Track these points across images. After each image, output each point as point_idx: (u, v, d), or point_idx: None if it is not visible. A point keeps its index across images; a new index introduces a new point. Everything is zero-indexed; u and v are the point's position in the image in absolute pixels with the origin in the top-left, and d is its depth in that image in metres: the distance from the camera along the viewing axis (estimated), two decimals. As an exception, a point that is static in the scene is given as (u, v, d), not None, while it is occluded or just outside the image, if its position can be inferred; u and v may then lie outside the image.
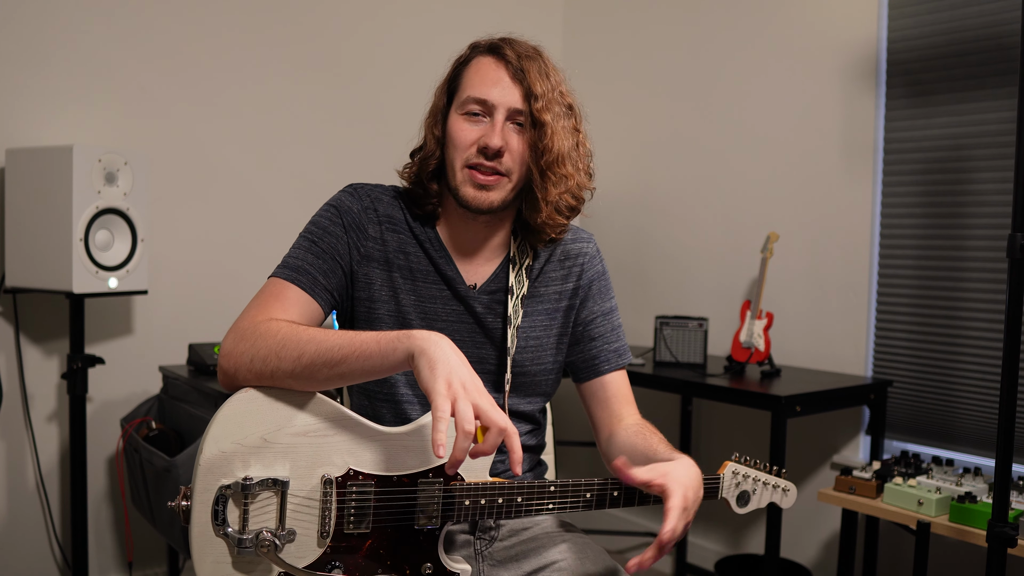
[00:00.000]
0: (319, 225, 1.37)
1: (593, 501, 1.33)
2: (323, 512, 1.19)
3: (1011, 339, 1.67)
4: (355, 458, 1.21)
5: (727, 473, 1.42)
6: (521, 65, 1.33)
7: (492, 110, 1.32)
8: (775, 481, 1.46)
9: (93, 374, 2.46)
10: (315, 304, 1.31)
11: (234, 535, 1.15)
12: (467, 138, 1.32)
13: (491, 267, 1.43)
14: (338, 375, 1.18)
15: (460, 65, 1.38)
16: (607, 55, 3.51)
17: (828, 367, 2.75)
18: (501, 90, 1.32)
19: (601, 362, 1.47)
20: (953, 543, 2.34)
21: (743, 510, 1.44)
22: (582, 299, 1.48)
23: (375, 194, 1.41)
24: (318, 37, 2.98)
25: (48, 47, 2.42)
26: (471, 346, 1.40)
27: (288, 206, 2.88)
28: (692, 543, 3.15)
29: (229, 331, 1.26)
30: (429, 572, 1.24)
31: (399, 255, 1.38)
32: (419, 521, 1.23)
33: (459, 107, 1.34)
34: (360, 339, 1.17)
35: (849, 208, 2.70)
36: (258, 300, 1.30)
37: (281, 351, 1.17)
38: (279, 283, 1.31)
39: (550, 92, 1.34)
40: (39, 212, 2.22)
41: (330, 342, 1.17)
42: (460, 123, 1.34)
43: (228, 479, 1.15)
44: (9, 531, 2.45)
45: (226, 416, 1.17)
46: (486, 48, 1.37)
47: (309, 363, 1.16)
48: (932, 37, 2.48)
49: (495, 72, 1.33)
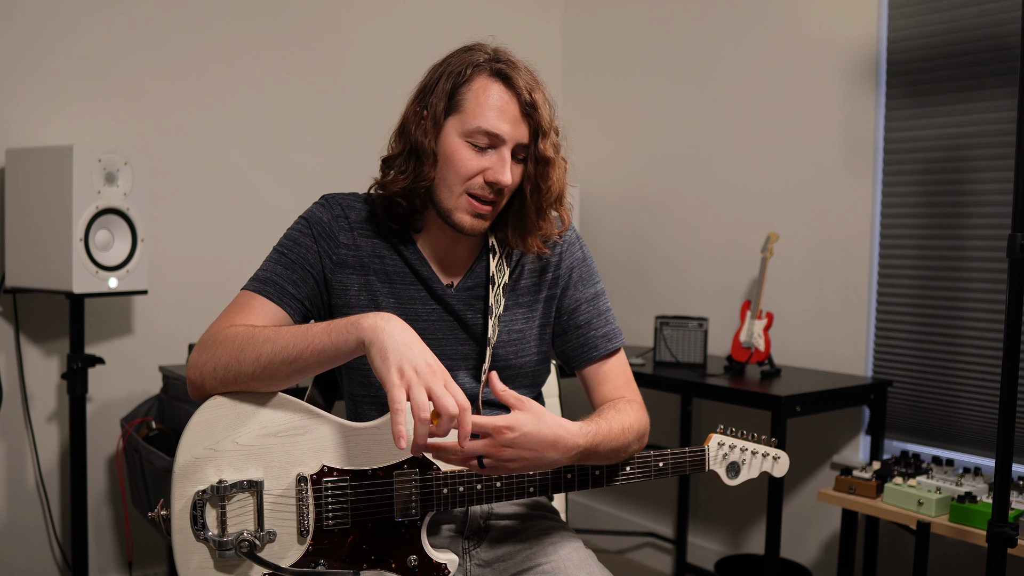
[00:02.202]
0: (290, 238, 1.38)
1: (575, 481, 1.33)
2: (300, 510, 1.20)
3: (1011, 339, 1.67)
4: (328, 455, 1.22)
5: (712, 445, 1.42)
6: (532, 99, 1.31)
7: (500, 143, 1.31)
8: (764, 449, 1.46)
9: (93, 374, 2.46)
10: (283, 313, 1.32)
11: (214, 538, 1.17)
12: (471, 167, 1.31)
13: (465, 265, 1.43)
14: (297, 371, 1.19)
15: (461, 82, 1.32)
16: (606, 53, 3.51)
17: (828, 367, 2.75)
18: (512, 126, 1.31)
19: (590, 349, 1.46)
20: (953, 543, 2.34)
21: (734, 481, 1.44)
22: (563, 288, 1.47)
23: (347, 202, 1.41)
24: (319, 38, 2.98)
25: (48, 47, 2.42)
26: (453, 343, 1.41)
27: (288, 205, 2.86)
28: (692, 543, 3.15)
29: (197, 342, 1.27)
30: (415, 564, 1.25)
31: (374, 259, 1.39)
32: (399, 513, 1.24)
33: (464, 132, 1.31)
34: (312, 333, 1.18)
35: (849, 208, 2.70)
36: (226, 312, 1.31)
37: (240, 355, 1.19)
38: (247, 295, 1.33)
39: (551, 124, 1.35)
40: (39, 212, 2.22)
41: (284, 340, 1.19)
42: (464, 149, 1.31)
43: (203, 484, 1.17)
44: (9, 531, 2.45)
45: (196, 424, 1.19)
46: (493, 72, 1.32)
47: (267, 363, 1.18)
48: (932, 37, 2.48)
49: (507, 105, 1.31)
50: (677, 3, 3.23)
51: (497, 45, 1.38)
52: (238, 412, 1.20)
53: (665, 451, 1.39)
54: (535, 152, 1.33)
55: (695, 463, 1.41)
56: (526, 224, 1.37)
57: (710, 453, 1.42)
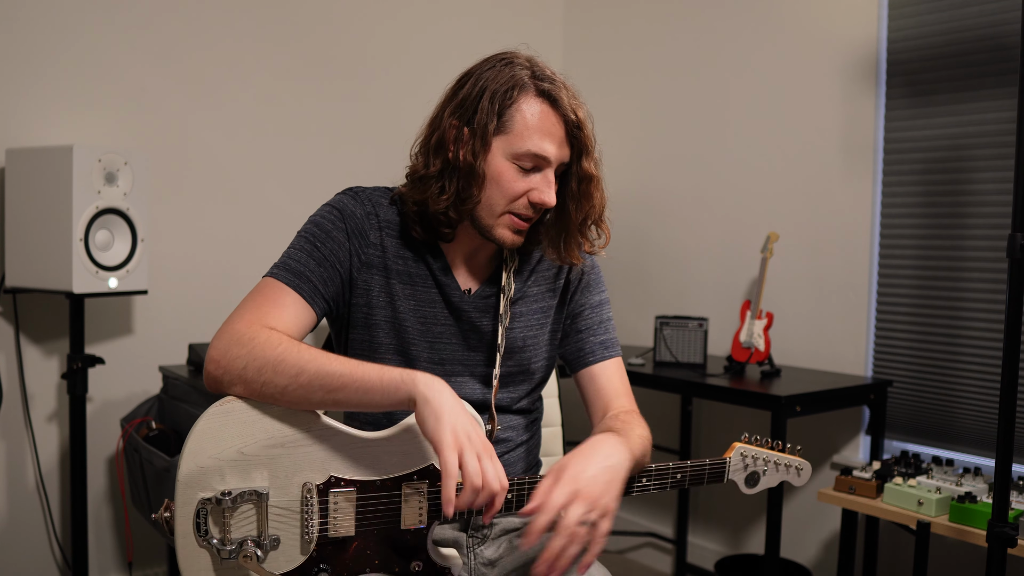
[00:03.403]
0: (321, 227, 1.34)
1: None
2: (305, 518, 1.20)
3: (1011, 339, 1.67)
4: (335, 465, 1.21)
5: (734, 456, 1.39)
6: (578, 119, 1.32)
7: (545, 165, 1.31)
8: (787, 460, 1.43)
9: (93, 374, 2.46)
10: (311, 312, 1.30)
11: (217, 545, 1.16)
12: (518, 189, 1.31)
13: (487, 272, 1.43)
14: (332, 400, 1.18)
15: (508, 103, 1.30)
16: (606, 53, 3.51)
17: (828, 367, 2.75)
18: (558, 147, 1.31)
19: (587, 354, 1.47)
20: (953, 543, 2.34)
21: (752, 491, 1.41)
22: (572, 293, 1.49)
23: (375, 198, 1.39)
24: (320, 39, 2.98)
25: (48, 47, 2.42)
26: (464, 349, 1.41)
27: (288, 206, 2.88)
28: (692, 543, 3.15)
29: (221, 332, 1.23)
30: (418, 570, 1.25)
31: (398, 261, 1.38)
32: (405, 522, 1.23)
33: (512, 155, 1.29)
34: (362, 370, 1.18)
35: (849, 208, 2.70)
36: (254, 302, 1.28)
37: (279, 365, 1.16)
38: (277, 286, 1.29)
39: (594, 142, 1.35)
40: (39, 212, 2.22)
41: (332, 366, 1.17)
42: (512, 171, 1.30)
43: (207, 492, 1.16)
44: (9, 531, 2.45)
45: (202, 431, 1.17)
46: (539, 92, 1.31)
47: (307, 383, 1.16)
48: (932, 37, 2.48)
49: (554, 127, 1.31)
50: (677, 4, 3.24)
51: (530, 54, 1.37)
52: (246, 421, 1.18)
53: (685, 463, 1.35)
54: (579, 171, 1.34)
55: (715, 474, 1.37)
56: (568, 239, 1.38)
57: (731, 464, 1.39)
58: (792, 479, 1.43)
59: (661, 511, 3.29)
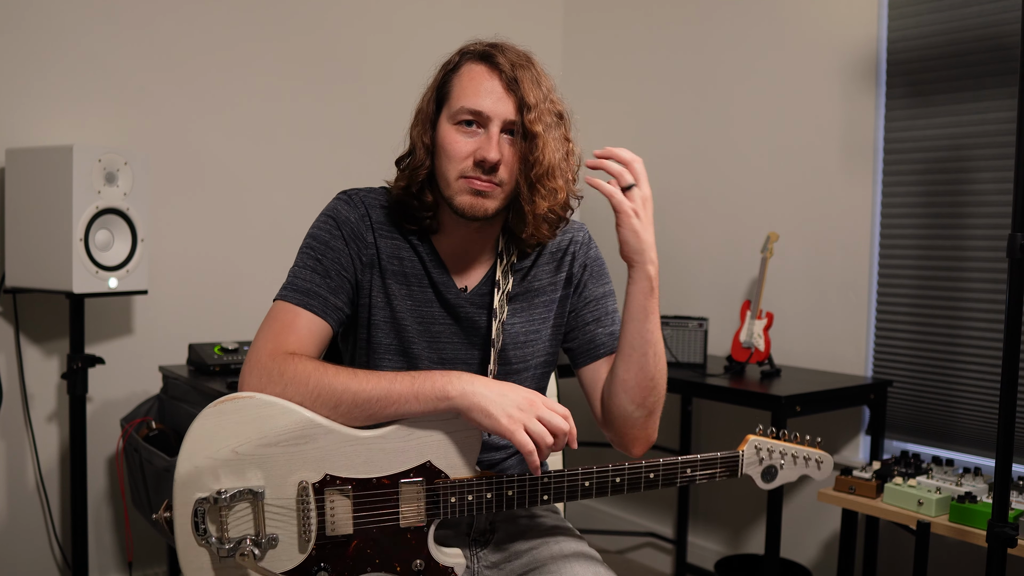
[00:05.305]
0: (319, 240, 1.35)
1: (593, 489, 1.28)
2: (302, 517, 1.20)
3: (1011, 339, 1.67)
4: (331, 463, 1.22)
5: (748, 449, 1.34)
6: (515, 74, 1.30)
7: (487, 121, 1.30)
8: (806, 452, 1.35)
9: (93, 374, 2.46)
10: (326, 326, 1.32)
11: (215, 544, 1.17)
12: (461, 150, 1.30)
13: (484, 269, 1.43)
14: (374, 420, 1.23)
15: (449, 71, 1.34)
16: (606, 54, 3.51)
17: (828, 367, 2.75)
18: (495, 101, 1.30)
19: (597, 346, 1.46)
20: (953, 543, 2.34)
21: (769, 485, 1.34)
22: (576, 286, 1.48)
23: (369, 199, 1.40)
24: (320, 39, 2.98)
25: (48, 47, 2.42)
26: (462, 347, 1.41)
27: (288, 206, 2.89)
28: (692, 543, 3.15)
29: (247, 367, 1.25)
30: (420, 568, 1.24)
31: (393, 260, 1.38)
32: (404, 520, 1.23)
33: (451, 117, 1.31)
34: (396, 391, 1.22)
35: (849, 208, 2.70)
36: (272, 329, 1.29)
37: (316, 400, 1.21)
38: (289, 309, 1.30)
39: (542, 102, 1.31)
40: (39, 212, 2.22)
41: (366, 393, 1.21)
42: (453, 134, 1.31)
43: (203, 492, 1.17)
44: (9, 531, 2.45)
45: (197, 432, 1.18)
46: (477, 55, 1.33)
47: (346, 412, 1.22)
48: (932, 37, 2.48)
49: (488, 82, 1.30)
50: (677, 4, 3.24)
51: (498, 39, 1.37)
52: (241, 422, 1.19)
53: (695, 457, 1.30)
54: (521, 128, 1.31)
55: (727, 469, 1.33)
56: (521, 202, 1.34)
57: (745, 458, 1.33)
58: (812, 472, 1.36)
59: (661, 511, 3.29)
